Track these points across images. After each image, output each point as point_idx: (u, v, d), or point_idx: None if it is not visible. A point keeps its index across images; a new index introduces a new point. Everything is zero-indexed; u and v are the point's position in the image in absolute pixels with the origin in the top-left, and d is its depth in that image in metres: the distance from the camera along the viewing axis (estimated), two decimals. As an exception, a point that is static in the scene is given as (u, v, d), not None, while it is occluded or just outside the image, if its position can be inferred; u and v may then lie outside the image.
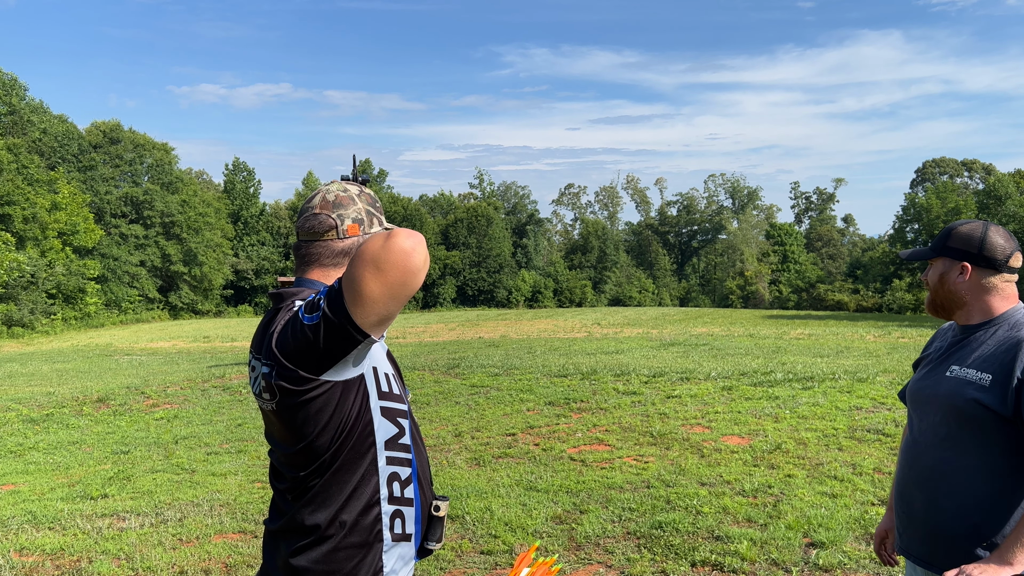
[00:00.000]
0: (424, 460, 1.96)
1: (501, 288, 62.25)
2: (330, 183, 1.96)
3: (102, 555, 5.02)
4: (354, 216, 1.90)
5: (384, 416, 1.81)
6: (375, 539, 1.79)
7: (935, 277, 2.23)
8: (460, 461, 7.24)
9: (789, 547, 4.62)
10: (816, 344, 18.53)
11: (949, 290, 2.20)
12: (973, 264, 2.15)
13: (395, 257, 1.60)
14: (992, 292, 2.16)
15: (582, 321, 33.98)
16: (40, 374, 17.85)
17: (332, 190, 1.94)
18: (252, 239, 57.75)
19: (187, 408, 11.20)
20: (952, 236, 2.20)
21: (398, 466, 1.84)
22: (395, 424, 1.84)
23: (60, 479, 7.51)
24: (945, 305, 2.24)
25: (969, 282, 2.16)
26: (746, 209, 77.50)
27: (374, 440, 1.79)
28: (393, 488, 1.82)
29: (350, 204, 1.90)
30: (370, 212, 1.92)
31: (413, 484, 1.87)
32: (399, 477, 1.83)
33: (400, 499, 1.84)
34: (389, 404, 1.82)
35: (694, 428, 8.08)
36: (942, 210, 51.29)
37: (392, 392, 1.84)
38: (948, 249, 2.19)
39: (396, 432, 1.84)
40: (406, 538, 1.86)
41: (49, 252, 39.64)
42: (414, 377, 12.56)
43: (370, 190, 1.99)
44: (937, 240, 2.25)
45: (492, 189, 71.71)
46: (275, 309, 1.86)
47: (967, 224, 2.21)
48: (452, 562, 4.67)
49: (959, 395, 2.08)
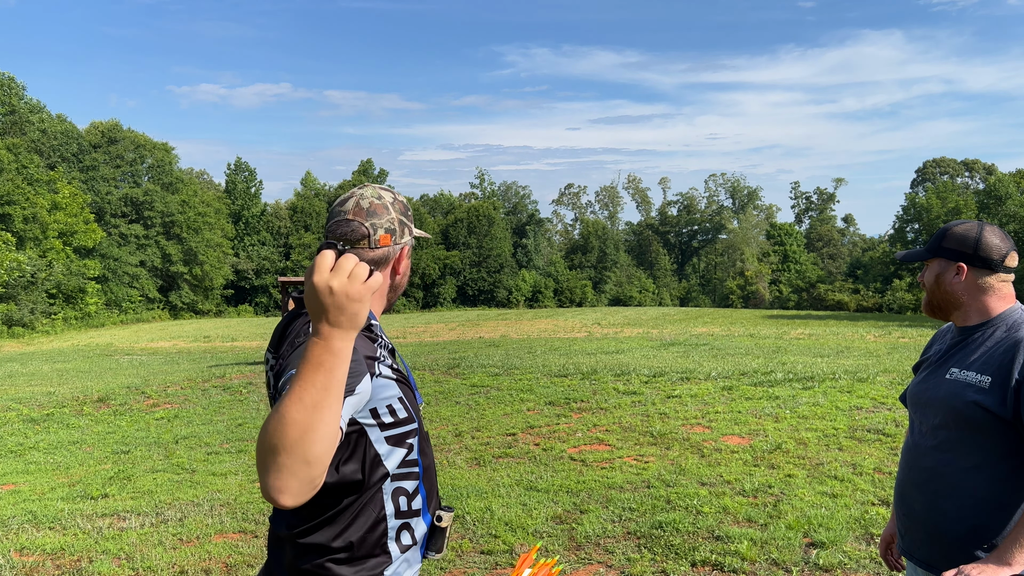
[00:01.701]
0: (431, 466, 1.94)
1: (501, 288, 62.25)
2: (364, 187, 1.90)
3: (102, 555, 5.02)
4: (387, 226, 1.84)
5: (391, 444, 1.77)
6: (381, 552, 1.78)
7: (931, 278, 2.22)
8: (460, 461, 7.24)
9: (789, 547, 4.62)
10: (816, 344, 18.52)
11: (945, 291, 2.19)
12: (969, 264, 2.14)
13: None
14: (989, 292, 2.15)
15: (582, 321, 33.99)
16: (40, 374, 17.85)
17: (367, 196, 1.87)
18: (253, 239, 57.77)
19: (187, 408, 11.20)
20: (947, 236, 2.19)
21: (404, 481, 1.81)
22: (403, 447, 1.80)
23: (60, 479, 7.51)
24: (942, 306, 2.23)
25: (965, 283, 2.15)
26: (746, 209, 77.48)
27: (386, 470, 1.76)
28: (400, 503, 1.80)
29: (384, 213, 1.84)
30: (403, 222, 1.87)
31: (420, 494, 1.85)
32: (406, 491, 1.81)
33: (408, 512, 1.81)
34: (395, 432, 1.78)
35: (694, 428, 8.08)
36: (942, 210, 51.28)
37: (398, 419, 1.78)
38: (943, 250, 2.18)
39: (405, 452, 1.81)
40: (413, 544, 1.84)
41: (49, 252, 39.66)
42: (414, 377, 12.56)
43: (403, 196, 1.93)
44: (932, 241, 2.24)
45: (492, 189, 71.70)
46: (298, 314, 1.82)
47: (962, 224, 2.20)
48: (452, 562, 4.67)
49: (959, 397, 2.08)
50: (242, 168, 59.44)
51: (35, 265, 37.36)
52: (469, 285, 61.92)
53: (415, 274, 56.13)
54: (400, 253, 1.88)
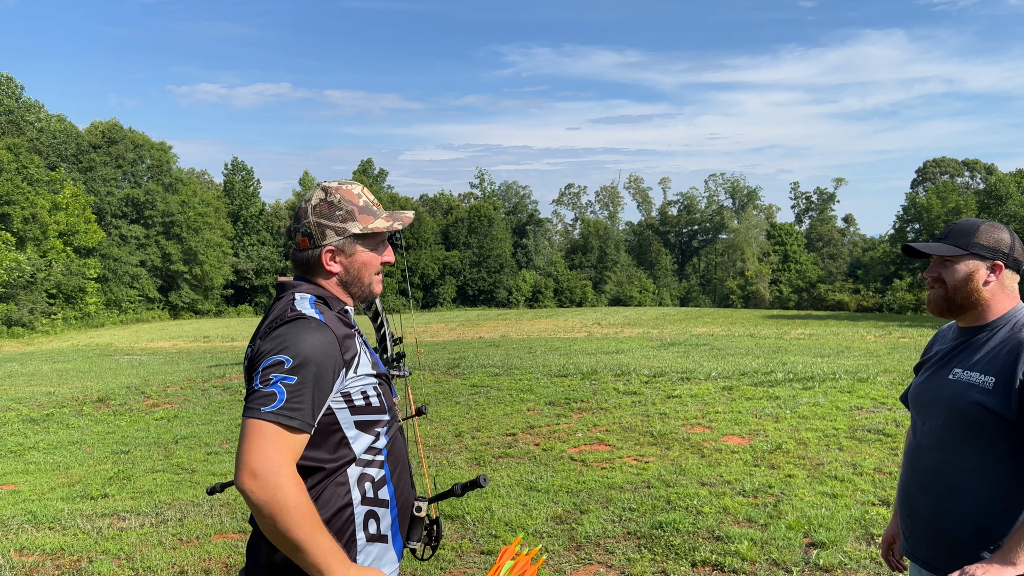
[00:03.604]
0: (402, 461, 1.98)
1: (501, 288, 62.24)
2: (318, 186, 1.97)
3: (102, 555, 5.02)
4: (303, 231, 1.92)
5: (359, 428, 1.85)
6: (348, 539, 1.82)
7: (960, 276, 2.11)
8: (460, 461, 7.23)
9: (790, 547, 4.62)
10: (817, 344, 18.52)
11: (972, 289, 2.10)
12: (1005, 265, 2.10)
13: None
14: (1007, 293, 2.12)
15: (582, 321, 33.99)
16: (40, 374, 17.85)
17: (305, 197, 1.97)
18: (252, 239, 57.76)
19: (187, 408, 11.19)
20: (980, 234, 2.10)
21: (370, 468, 1.86)
22: (371, 433, 1.87)
23: (60, 479, 7.51)
24: (964, 304, 2.13)
25: (996, 283, 2.11)
26: (746, 209, 77.43)
27: (352, 453, 1.83)
28: (365, 489, 1.84)
29: (303, 217, 1.93)
30: (321, 225, 1.91)
31: (388, 485, 1.89)
32: (372, 478, 1.86)
33: (374, 500, 1.85)
34: (365, 418, 1.86)
35: (694, 428, 8.08)
36: (942, 210, 51.29)
37: (369, 406, 1.87)
38: (979, 246, 2.09)
39: (372, 439, 1.87)
40: (381, 539, 1.87)
41: (50, 252, 39.64)
42: (414, 377, 12.56)
43: (342, 195, 1.93)
44: (959, 237, 2.13)
45: (492, 189, 71.67)
46: (279, 297, 1.93)
47: (989, 223, 2.13)
48: (452, 562, 4.67)
49: (962, 398, 2.06)
50: (240, 168, 59.41)
51: (35, 265, 37.35)
52: (469, 285, 61.91)
53: (414, 274, 56.08)
54: (322, 254, 1.92)
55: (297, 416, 1.67)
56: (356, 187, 1.98)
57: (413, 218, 2.04)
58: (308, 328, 1.75)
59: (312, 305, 1.85)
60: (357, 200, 1.95)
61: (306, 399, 1.69)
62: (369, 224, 1.94)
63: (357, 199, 1.95)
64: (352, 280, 1.96)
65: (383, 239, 2.00)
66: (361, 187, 1.99)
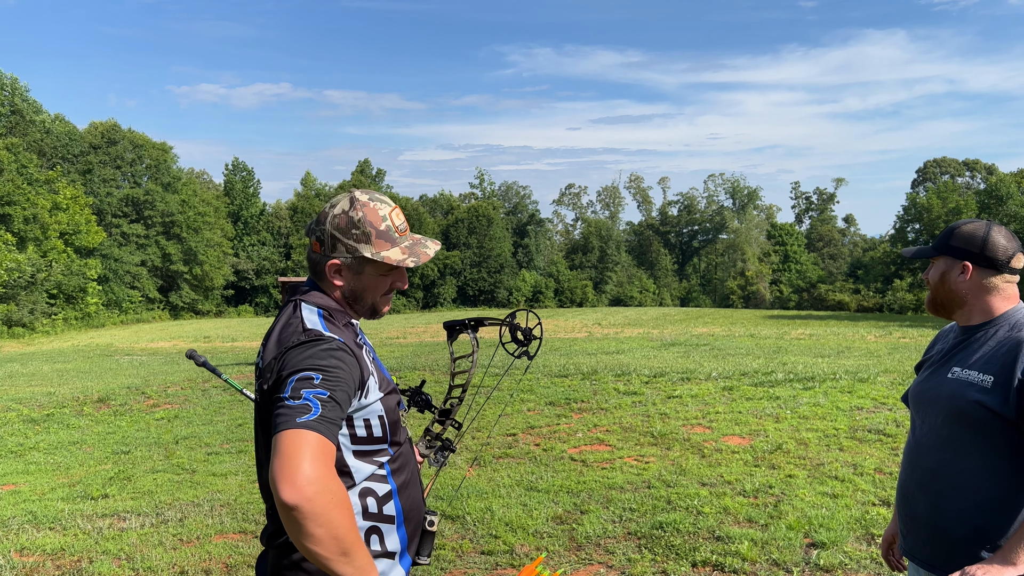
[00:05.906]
0: (411, 474, 1.94)
1: (502, 288, 62.24)
2: (352, 192, 1.94)
3: (103, 555, 5.02)
4: (317, 234, 1.92)
5: (358, 458, 1.81)
6: None
7: (936, 276, 2.22)
8: (460, 461, 7.23)
9: (790, 547, 4.62)
10: (817, 344, 18.52)
11: (950, 289, 2.19)
12: (974, 264, 2.14)
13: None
14: (993, 292, 2.15)
15: (583, 321, 33.99)
16: (41, 374, 17.85)
17: (333, 201, 1.95)
18: (252, 239, 57.76)
19: (188, 408, 11.20)
20: (954, 235, 2.19)
21: (373, 482, 1.83)
22: (372, 463, 1.83)
23: (61, 479, 7.51)
24: (946, 304, 2.23)
25: (970, 282, 2.16)
26: (746, 209, 77.43)
27: (352, 481, 1.80)
28: (368, 504, 1.80)
29: (323, 220, 1.91)
30: (334, 236, 1.88)
31: (394, 500, 1.85)
32: (375, 493, 1.82)
33: (377, 515, 1.82)
34: (364, 448, 1.82)
35: (695, 428, 8.08)
36: (943, 210, 51.28)
37: (371, 436, 1.82)
38: (950, 248, 2.18)
39: (374, 468, 1.84)
40: (387, 555, 1.83)
41: (51, 252, 39.65)
42: (414, 377, 12.55)
43: (365, 214, 1.88)
44: (940, 239, 2.24)
45: (493, 189, 71.65)
46: (288, 301, 1.93)
47: (970, 223, 2.20)
48: (452, 562, 4.67)
49: (961, 397, 2.07)
50: (240, 168, 59.42)
51: (35, 265, 37.35)
52: (469, 285, 61.90)
53: (414, 274, 56.08)
54: (328, 265, 1.89)
55: (333, 428, 1.64)
56: (385, 208, 1.91)
57: (433, 255, 1.97)
58: (331, 347, 1.74)
59: (321, 319, 1.83)
60: (379, 223, 1.88)
61: (336, 413, 1.66)
62: (382, 252, 1.88)
63: (380, 222, 1.88)
64: (356, 298, 1.94)
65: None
66: (392, 209, 1.93)
